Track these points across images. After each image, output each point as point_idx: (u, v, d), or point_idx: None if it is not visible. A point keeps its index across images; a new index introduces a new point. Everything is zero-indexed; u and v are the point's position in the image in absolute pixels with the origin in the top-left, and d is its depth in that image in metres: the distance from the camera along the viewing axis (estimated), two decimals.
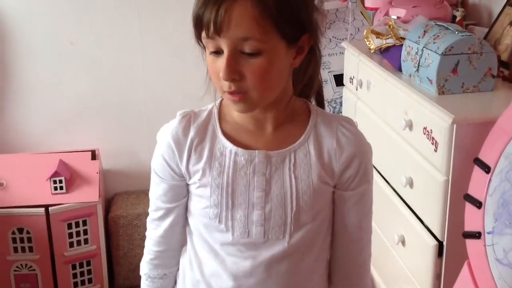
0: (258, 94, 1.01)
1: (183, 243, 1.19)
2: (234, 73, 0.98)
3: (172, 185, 1.13)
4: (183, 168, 1.10)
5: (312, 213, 1.09)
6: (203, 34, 0.99)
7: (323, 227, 1.13)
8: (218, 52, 0.99)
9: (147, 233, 1.21)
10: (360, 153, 1.10)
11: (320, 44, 1.09)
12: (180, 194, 1.14)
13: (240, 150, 1.07)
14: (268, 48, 0.98)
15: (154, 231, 1.18)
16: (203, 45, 1.03)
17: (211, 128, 1.10)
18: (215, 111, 1.12)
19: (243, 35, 0.96)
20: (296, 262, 1.11)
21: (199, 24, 0.99)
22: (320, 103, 1.17)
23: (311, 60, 1.09)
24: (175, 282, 1.23)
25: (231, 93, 1.00)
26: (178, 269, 1.22)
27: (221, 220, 1.09)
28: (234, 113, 1.10)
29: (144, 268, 1.22)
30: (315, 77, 1.13)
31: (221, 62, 0.98)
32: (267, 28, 0.97)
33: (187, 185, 1.13)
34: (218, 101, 1.13)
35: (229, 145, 1.08)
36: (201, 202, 1.10)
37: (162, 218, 1.16)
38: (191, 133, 1.09)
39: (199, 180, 1.09)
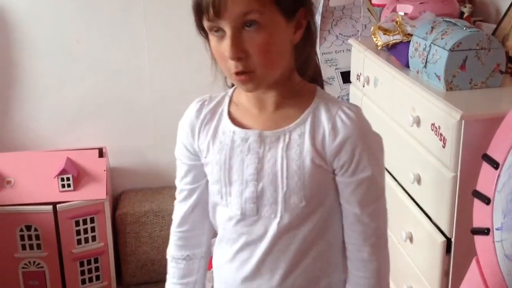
0: (264, 71, 1.03)
1: (207, 227, 1.26)
2: (239, 51, 1.01)
3: (190, 166, 1.21)
4: (196, 147, 1.18)
5: (304, 195, 1.10)
6: (205, 19, 1.02)
7: (321, 214, 1.13)
8: (221, 33, 1.02)
9: (173, 217, 1.27)
10: (355, 138, 1.08)
11: (314, 21, 1.11)
12: (199, 174, 1.21)
13: (237, 129, 1.13)
14: (268, 21, 1.01)
15: (178, 212, 1.26)
16: (205, 34, 1.07)
17: (220, 110, 1.17)
18: (228, 95, 1.18)
19: (243, 10, 0.99)
20: (287, 244, 1.13)
21: (199, 11, 1.03)
22: (319, 82, 1.18)
23: (308, 37, 1.11)
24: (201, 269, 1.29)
25: (238, 73, 1.03)
26: (202, 253, 1.28)
27: (222, 195, 1.15)
28: (242, 97, 1.15)
29: (170, 250, 1.29)
30: (312, 54, 1.14)
31: (226, 43, 1.01)
32: (265, 2, 1.00)
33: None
34: (233, 87, 1.18)
35: (229, 125, 1.14)
36: (210, 180, 1.17)
37: (184, 199, 1.25)
38: (203, 114, 1.17)
39: (205, 157, 1.17)
